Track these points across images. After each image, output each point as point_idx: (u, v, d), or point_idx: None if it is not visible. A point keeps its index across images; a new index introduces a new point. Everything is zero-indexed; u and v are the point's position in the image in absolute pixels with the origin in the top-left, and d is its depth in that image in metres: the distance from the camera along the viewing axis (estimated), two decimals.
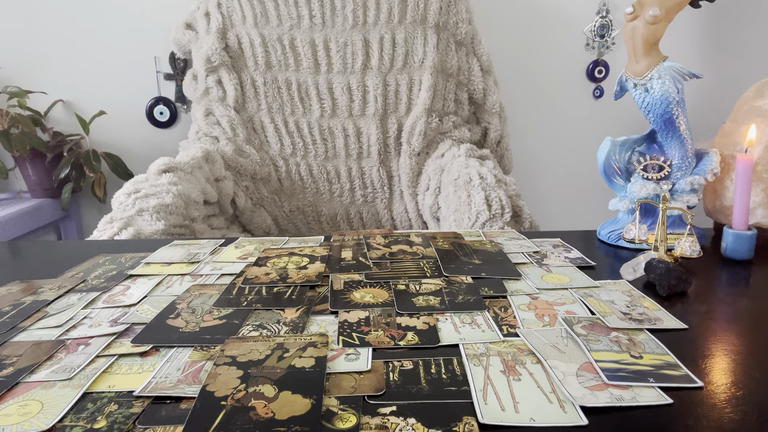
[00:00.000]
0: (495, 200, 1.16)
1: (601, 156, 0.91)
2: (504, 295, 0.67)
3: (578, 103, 1.98)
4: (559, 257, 0.81)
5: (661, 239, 0.75)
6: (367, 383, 0.48)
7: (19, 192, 1.86)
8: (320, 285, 0.71)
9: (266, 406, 0.45)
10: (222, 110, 1.57)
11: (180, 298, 0.68)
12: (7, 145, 1.67)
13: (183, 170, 1.28)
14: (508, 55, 1.89)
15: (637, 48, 0.85)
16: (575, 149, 2.02)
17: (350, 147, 1.60)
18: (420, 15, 1.55)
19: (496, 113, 1.66)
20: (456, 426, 0.43)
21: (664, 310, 0.63)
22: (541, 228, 1.16)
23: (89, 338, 0.58)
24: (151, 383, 0.49)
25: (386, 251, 0.83)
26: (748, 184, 0.78)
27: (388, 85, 1.58)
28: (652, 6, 0.82)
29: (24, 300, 0.68)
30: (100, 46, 1.80)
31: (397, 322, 0.60)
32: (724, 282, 0.75)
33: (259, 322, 0.61)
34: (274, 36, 1.56)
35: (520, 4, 1.87)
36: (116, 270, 0.79)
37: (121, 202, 1.13)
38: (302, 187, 1.62)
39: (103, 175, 1.80)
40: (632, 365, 0.51)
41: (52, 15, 1.78)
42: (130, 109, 1.85)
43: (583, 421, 0.43)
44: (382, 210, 1.64)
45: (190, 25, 1.63)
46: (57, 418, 0.45)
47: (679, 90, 0.84)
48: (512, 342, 0.56)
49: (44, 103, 1.80)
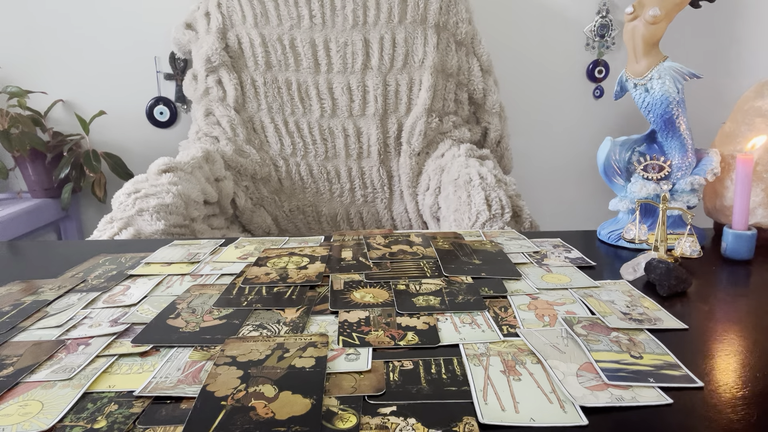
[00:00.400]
0: (495, 200, 1.16)
1: (601, 156, 0.91)
2: (504, 295, 0.67)
3: (578, 103, 1.98)
4: (559, 257, 0.81)
5: (661, 239, 0.75)
6: (368, 383, 0.48)
7: (19, 192, 1.86)
8: (320, 285, 0.71)
9: (266, 406, 0.45)
10: (222, 110, 1.56)
11: (180, 298, 0.68)
12: (7, 145, 1.67)
13: (183, 170, 1.28)
14: (508, 55, 1.89)
15: (637, 48, 0.85)
16: (575, 149, 2.02)
17: (350, 147, 1.60)
18: (420, 15, 1.55)
19: (496, 113, 1.66)
20: (456, 426, 0.43)
21: (664, 310, 0.63)
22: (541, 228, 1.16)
23: (89, 338, 0.58)
24: (152, 383, 0.49)
25: (386, 251, 0.83)
26: (748, 184, 0.78)
27: (388, 85, 1.58)
28: (652, 6, 0.82)
29: (24, 300, 0.68)
30: (100, 46, 1.80)
31: (397, 322, 0.60)
32: (724, 282, 0.75)
33: (259, 322, 0.61)
34: (274, 36, 1.56)
35: (520, 4, 1.87)
36: (116, 270, 0.79)
37: (121, 202, 1.12)
38: (302, 187, 1.62)
39: (103, 175, 1.80)
40: (632, 365, 0.51)
41: (52, 15, 1.77)
42: (130, 109, 1.85)
43: (583, 421, 0.43)
44: (382, 210, 1.64)
45: (190, 25, 1.63)
46: (57, 418, 0.45)
47: (679, 90, 0.84)
48: (512, 342, 0.56)
49: (44, 103, 1.80)
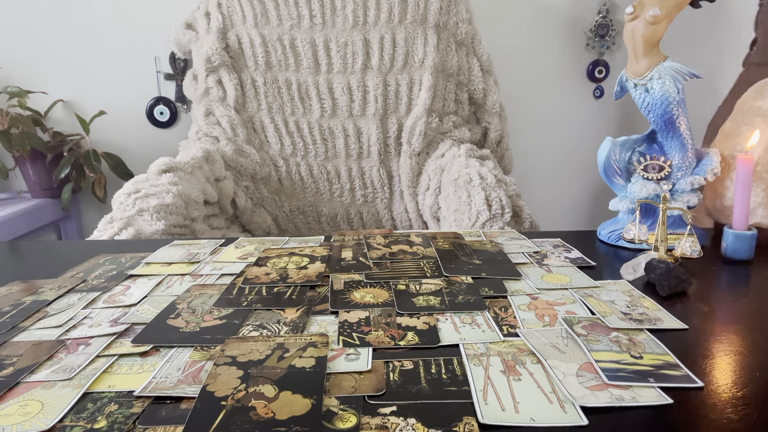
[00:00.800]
0: (495, 200, 1.16)
1: (601, 156, 0.91)
2: (504, 295, 0.67)
3: (578, 103, 1.98)
4: (559, 257, 0.81)
5: (661, 239, 0.75)
6: (368, 383, 0.48)
7: (19, 192, 1.86)
8: (320, 285, 0.71)
9: (266, 406, 0.45)
10: (222, 110, 1.56)
11: (180, 298, 0.68)
12: (7, 145, 1.67)
13: (183, 170, 1.28)
14: (508, 55, 1.89)
15: (638, 48, 0.85)
16: (575, 149, 2.02)
17: (350, 147, 1.60)
18: (420, 15, 1.55)
19: (496, 113, 1.66)
20: (456, 426, 0.43)
21: (665, 310, 0.63)
22: (541, 228, 1.16)
23: (89, 338, 0.58)
24: (152, 383, 0.49)
25: (386, 251, 0.83)
26: (748, 184, 0.78)
27: (388, 85, 1.57)
28: (652, 6, 0.82)
29: (24, 300, 0.68)
30: (101, 46, 1.80)
31: (397, 322, 0.60)
32: (724, 282, 0.75)
33: (260, 322, 0.61)
34: (274, 36, 1.55)
35: (520, 4, 1.87)
36: (116, 270, 0.79)
37: (122, 202, 1.13)
38: (302, 187, 1.62)
39: (103, 175, 1.80)
40: (632, 365, 0.51)
41: (52, 15, 1.78)
42: (130, 109, 1.85)
43: (583, 421, 0.43)
44: (382, 210, 1.64)
45: (190, 25, 1.63)
46: (57, 418, 0.45)
47: (679, 90, 0.84)
48: (512, 342, 0.56)
49: (44, 103, 1.80)
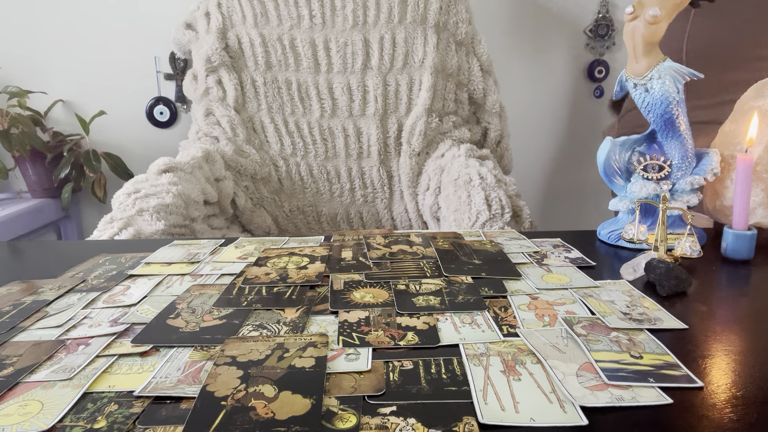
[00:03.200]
0: (495, 200, 1.16)
1: (601, 156, 0.91)
2: (504, 295, 0.67)
3: (578, 103, 1.98)
4: (559, 257, 0.81)
5: (661, 239, 0.75)
6: (367, 383, 0.48)
7: (19, 192, 1.86)
8: (320, 285, 0.71)
9: (266, 406, 0.45)
10: (222, 110, 1.57)
11: (180, 298, 0.68)
12: (7, 145, 1.67)
13: (183, 170, 1.28)
14: (508, 55, 1.89)
15: (637, 48, 0.85)
16: (575, 149, 2.02)
17: (350, 147, 1.60)
18: (420, 15, 1.55)
19: (496, 113, 1.66)
20: (456, 426, 0.43)
21: (664, 310, 0.63)
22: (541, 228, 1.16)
23: (89, 338, 0.58)
24: (151, 383, 0.49)
25: (386, 251, 0.83)
26: (748, 184, 0.78)
27: (388, 85, 1.58)
28: (652, 6, 0.82)
29: (24, 300, 0.68)
30: (100, 46, 1.80)
31: (397, 322, 0.60)
32: (724, 282, 0.75)
33: (259, 322, 0.61)
34: (274, 36, 1.56)
35: (520, 4, 1.87)
36: (116, 270, 0.79)
37: (121, 202, 1.13)
38: (302, 187, 1.62)
39: (103, 175, 1.80)
40: (632, 365, 0.51)
41: (52, 15, 1.78)
42: (130, 109, 1.85)
43: (583, 421, 0.43)
44: (382, 210, 1.64)
45: (190, 25, 1.63)
46: (57, 418, 0.45)
47: (679, 90, 0.84)
48: (512, 342, 0.56)
49: (44, 103, 1.80)
